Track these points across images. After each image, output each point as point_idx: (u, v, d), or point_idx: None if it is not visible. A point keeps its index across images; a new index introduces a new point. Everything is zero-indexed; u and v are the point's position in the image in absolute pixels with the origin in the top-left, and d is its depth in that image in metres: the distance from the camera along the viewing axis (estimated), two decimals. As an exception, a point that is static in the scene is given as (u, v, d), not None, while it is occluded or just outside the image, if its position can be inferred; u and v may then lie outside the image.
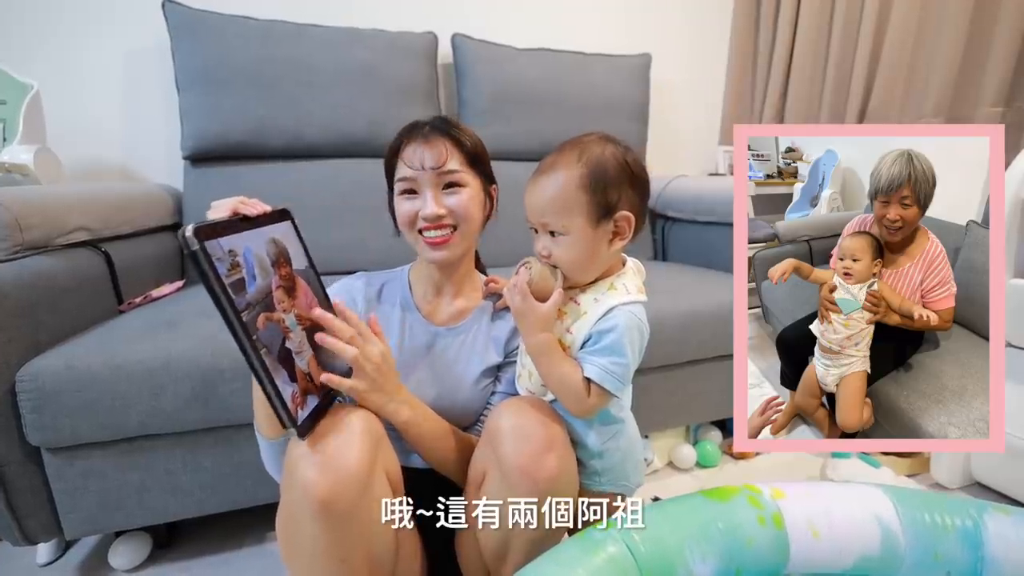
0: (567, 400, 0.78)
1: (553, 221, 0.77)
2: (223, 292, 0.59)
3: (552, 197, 0.76)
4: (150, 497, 1.07)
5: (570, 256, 0.77)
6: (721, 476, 1.53)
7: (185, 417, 1.02)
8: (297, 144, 1.70)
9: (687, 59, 2.38)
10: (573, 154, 0.76)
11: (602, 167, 0.75)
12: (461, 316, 0.97)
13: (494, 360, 0.95)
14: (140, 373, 0.99)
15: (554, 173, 0.76)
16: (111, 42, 1.70)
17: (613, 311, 0.76)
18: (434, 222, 0.87)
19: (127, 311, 1.26)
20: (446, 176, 0.87)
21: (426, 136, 0.87)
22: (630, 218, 0.76)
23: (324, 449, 0.69)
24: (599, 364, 0.75)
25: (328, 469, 0.67)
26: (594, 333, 0.76)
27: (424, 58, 1.86)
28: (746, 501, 0.77)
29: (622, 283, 0.80)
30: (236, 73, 1.62)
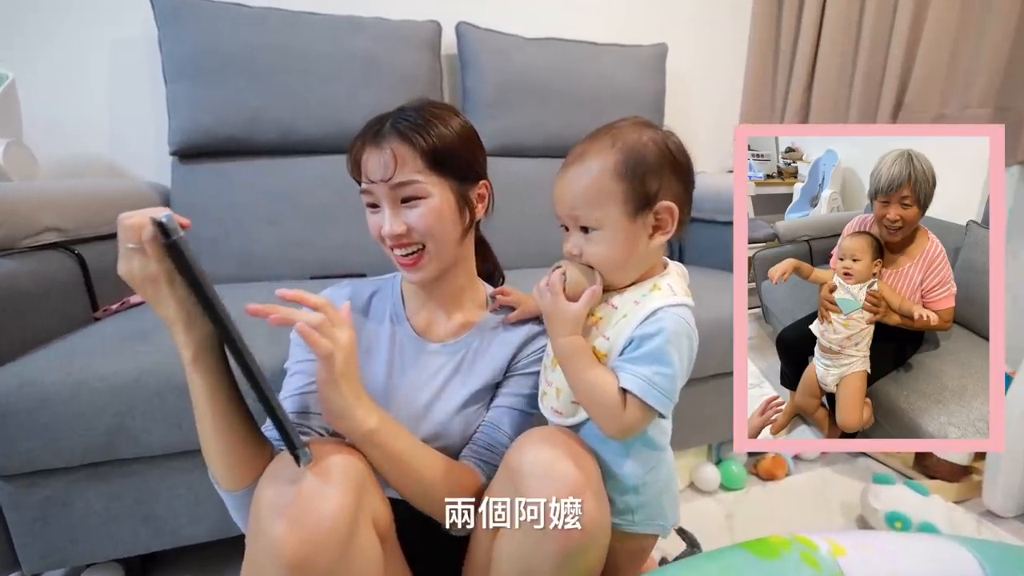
0: (599, 415, 0.68)
1: (585, 215, 0.69)
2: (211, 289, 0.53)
3: (584, 188, 0.69)
4: (119, 528, 0.97)
5: (605, 253, 0.70)
6: (748, 499, 1.41)
7: (157, 439, 0.92)
8: (292, 139, 1.59)
9: (705, 49, 2.25)
10: (606, 140, 0.69)
11: (639, 152, 0.67)
12: (459, 332, 0.87)
13: (493, 380, 0.85)
14: (104, 391, 0.89)
15: (585, 161, 0.69)
16: (95, 31, 1.60)
17: (658, 313, 0.67)
18: (397, 240, 0.77)
19: (103, 318, 1.17)
20: (400, 189, 0.75)
21: (376, 140, 0.76)
22: (672, 209, 0.68)
23: (295, 497, 0.58)
24: (639, 374, 0.66)
25: (300, 522, 0.57)
26: (635, 337, 0.67)
27: (427, 48, 1.75)
28: (800, 559, 0.65)
29: (667, 283, 0.72)
30: (227, 63, 1.52)
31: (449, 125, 0.78)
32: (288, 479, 0.60)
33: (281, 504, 0.58)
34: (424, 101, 0.81)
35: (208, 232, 1.48)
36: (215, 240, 1.49)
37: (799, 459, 1.58)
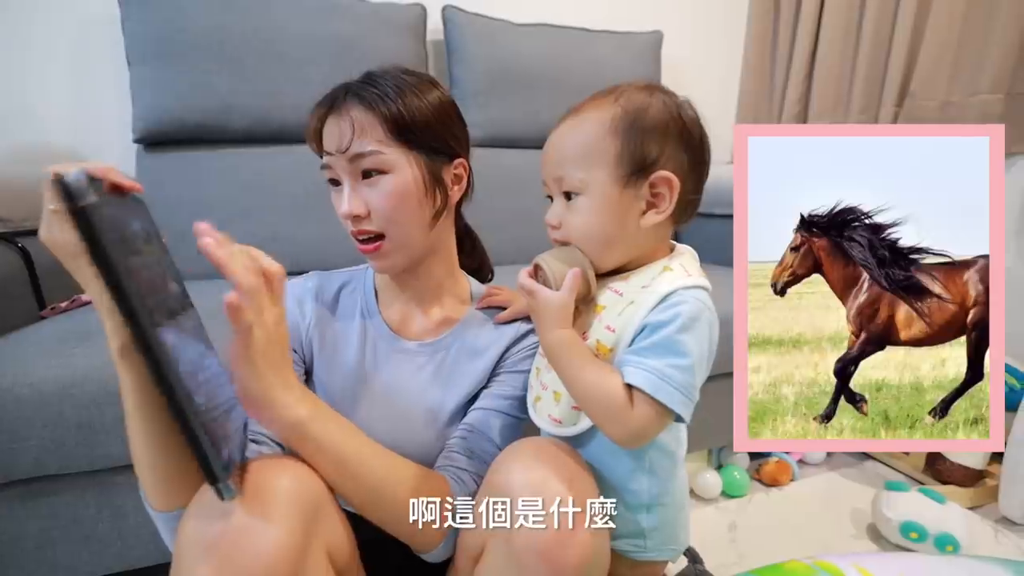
0: (602, 418, 0.57)
1: (569, 175, 0.60)
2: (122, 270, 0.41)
3: (572, 143, 0.60)
4: (55, 551, 0.86)
5: (586, 224, 0.61)
6: (751, 507, 1.33)
7: (93, 452, 0.82)
8: (265, 127, 1.49)
9: (701, 37, 2.17)
10: (609, 96, 0.60)
11: (643, 110, 0.58)
12: (438, 329, 0.78)
13: (475, 387, 0.75)
14: (32, 400, 0.78)
15: (580, 114, 0.61)
16: (54, 10, 1.49)
17: (672, 297, 0.57)
18: (356, 224, 0.68)
19: (49, 317, 1.07)
20: (360, 161, 0.66)
21: (335, 107, 0.67)
22: (672, 181, 0.58)
23: (225, 531, 0.48)
24: (649, 367, 0.55)
25: (230, 564, 0.47)
26: (647, 325, 0.57)
27: (411, 32, 1.66)
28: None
29: (679, 263, 0.62)
30: (195, 46, 1.42)
31: (422, 95, 0.69)
32: (219, 509, 0.49)
33: (207, 540, 0.48)
34: (396, 67, 0.72)
35: (175, 226, 1.36)
36: (183, 234, 1.35)
37: (804, 463, 1.50)
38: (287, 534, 0.50)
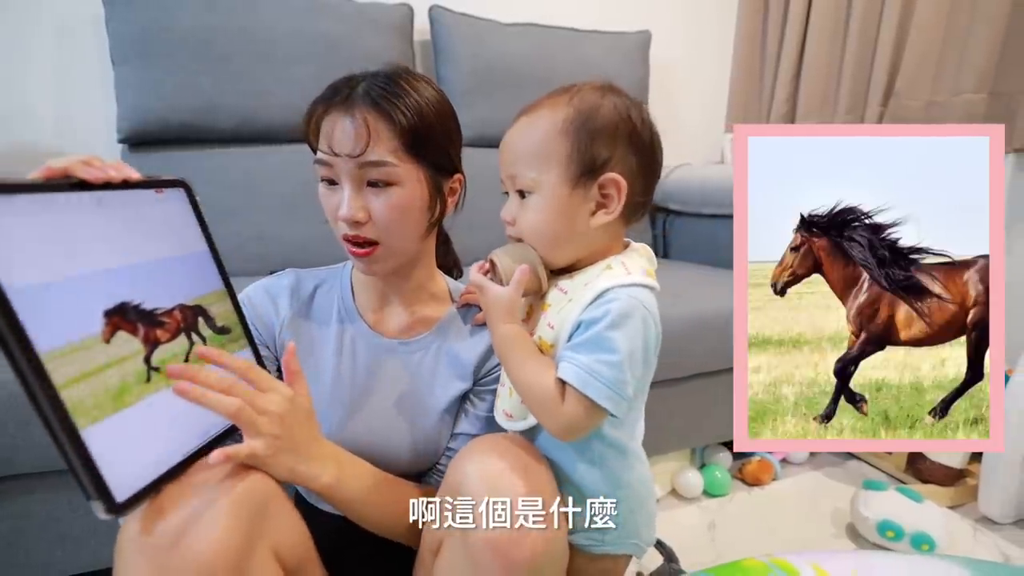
0: (537, 411, 0.60)
1: (522, 173, 0.61)
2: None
3: (525, 143, 0.61)
4: (29, 551, 0.85)
5: (536, 223, 0.61)
6: (732, 507, 1.34)
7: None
8: (251, 126, 1.47)
9: (690, 37, 2.18)
10: (564, 96, 0.61)
11: (594, 112, 0.59)
12: (417, 328, 0.76)
13: (459, 387, 0.74)
14: (2, 397, 0.77)
15: (534, 113, 0.62)
16: (36, 9, 1.45)
17: (606, 295, 0.58)
18: (353, 229, 0.66)
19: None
20: (369, 169, 0.64)
21: (349, 107, 0.64)
22: (619, 183, 0.59)
23: (168, 530, 0.48)
24: (578, 362, 0.56)
25: (167, 564, 0.47)
26: (582, 322, 0.58)
27: (397, 32, 1.64)
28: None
29: (620, 262, 0.63)
30: (180, 45, 1.39)
31: (430, 103, 0.67)
32: (159, 510, 0.49)
33: (148, 539, 0.48)
34: (401, 68, 0.69)
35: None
36: None
37: (787, 463, 1.51)
38: (226, 534, 0.49)
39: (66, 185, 0.47)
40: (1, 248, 0.40)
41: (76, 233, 0.47)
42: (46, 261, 0.44)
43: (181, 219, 0.58)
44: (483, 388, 0.75)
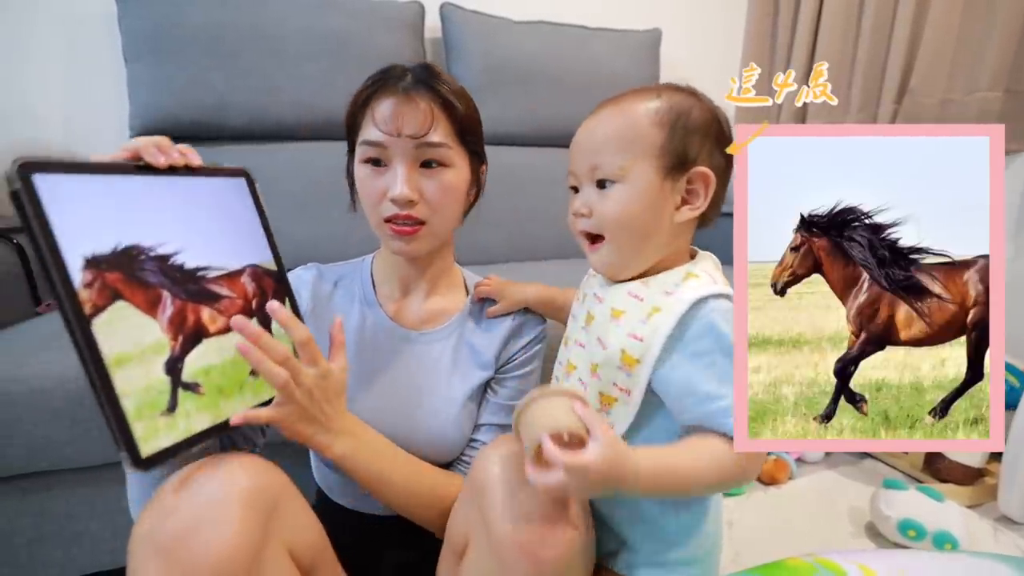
0: (724, 486, 0.56)
1: (607, 162, 0.59)
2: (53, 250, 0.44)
3: (615, 129, 0.59)
4: (46, 549, 0.86)
5: (620, 213, 0.59)
6: (749, 505, 1.32)
7: (86, 449, 0.82)
8: (262, 123, 1.49)
9: (700, 36, 2.17)
10: (651, 91, 0.60)
11: (688, 109, 0.59)
12: (437, 319, 0.78)
13: (481, 376, 0.76)
14: (23, 395, 0.78)
15: (622, 104, 0.60)
16: (52, 10, 1.48)
17: (703, 308, 0.56)
18: (403, 207, 0.67)
19: (45, 313, 1.07)
20: (427, 150, 0.67)
21: (407, 92, 0.67)
22: (709, 177, 0.59)
23: (176, 529, 0.48)
24: (729, 404, 0.54)
25: (179, 562, 0.47)
26: (684, 340, 0.56)
27: (409, 29, 1.65)
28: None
29: (703, 270, 0.61)
30: (192, 42, 1.41)
31: (467, 95, 0.73)
32: (170, 508, 0.49)
33: (157, 539, 0.48)
34: (438, 66, 0.73)
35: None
36: None
37: (802, 461, 1.50)
38: (238, 532, 0.49)
39: (131, 167, 0.52)
40: (66, 222, 0.45)
41: (135, 211, 0.51)
42: (103, 234, 0.48)
43: (240, 206, 0.61)
44: (505, 376, 0.78)
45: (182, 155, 0.55)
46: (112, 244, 0.49)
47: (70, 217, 0.46)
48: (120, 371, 0.47)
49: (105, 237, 0.48)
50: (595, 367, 0.61)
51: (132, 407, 0.47)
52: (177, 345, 0.52)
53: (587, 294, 0.68)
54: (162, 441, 0.48)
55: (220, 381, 0.55)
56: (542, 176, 1.73)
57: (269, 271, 0.62)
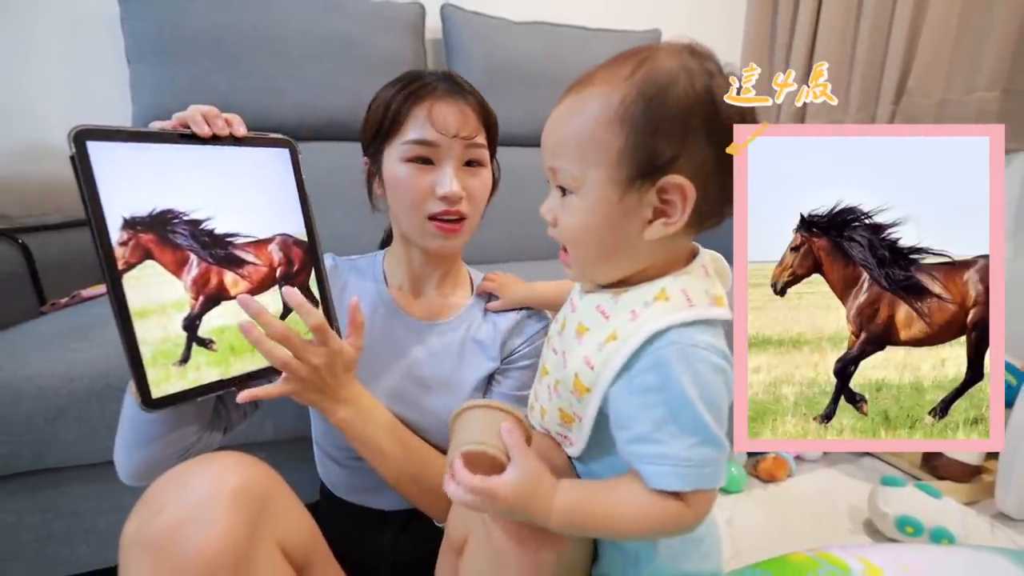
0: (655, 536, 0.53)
1: (563, 168, 0.50)
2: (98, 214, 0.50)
3: (569, 131, 0.49)
4: (55, 545, 0.86)
5: (575, 229, 0.51)
6: (748, 503, 1.32)
7: (93, 446, 0.82)
8: (265, 123, 1.44)
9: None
10: (628, 64, 0.47)
11: (661, 93, 0.45)
12: (445, 313, 0.80)
13: (487, 366, 0.78)
14: (30, 393, 0.78)
15: (586, 90, 0.49)
16: (52, 9, 1.48)
17: (657, 344, 0.46)
18: (452, 204, 0.70)
19: (49, 313, 1.06)
20: (472, 151, 0.71)
21: (452, 95, 0.70)
22: (685, 188, 0.46)
23: (164, 527, 0.48)
24: (673, 457, 0.46)
25: (168, 560, 0.47)
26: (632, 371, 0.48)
27: (410, 30, 1.65)
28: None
29: (679, 288, 0.50)
30: (195, 43, 1.41)
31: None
32: (159, 506, 0.50)
33: (147, 538, 0.48)
34: (450, 72, 0.77)
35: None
36: None
37: (801, 459, 1.50)
38: (226, 529, 0.49)
39: (177, 136, 0.56)
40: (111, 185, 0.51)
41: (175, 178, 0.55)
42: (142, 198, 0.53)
43: (280, 176, 0.64)
44: (508, 367, 0.79)
45: (227, 124, 0.59)
46: (150, 208, 0.53)
47: (115, 180, 0.51)
48: (142, 322, 0.52)
49: (144, 201, 0.53)
50: (556, 383, 0.56)
51: (148, 354, 0.52)
52: (197, 304, 0.56)
53: (571, 297, 0.61)
54: (171, 387, 0.54)
55: (233, 341, 0.58)
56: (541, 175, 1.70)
57: (299, 241, 0.64)
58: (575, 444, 0.56)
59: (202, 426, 0.65)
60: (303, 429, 0.88)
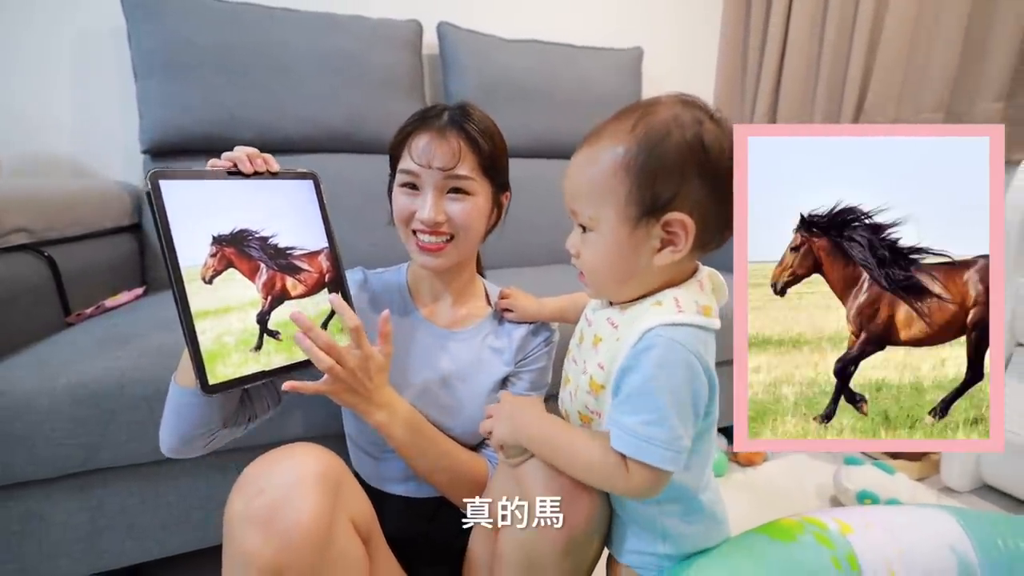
0: (605, 486, 0.57)
1: (581, 210, 0.55)
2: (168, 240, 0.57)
3: (583, 179, 0.54)
4: (102, 540, 0.84)
5: (594, 262, 0.56)
6: (730, 484, 1.33)
7: (142, 447, 0.80)
8: (271, 137, 1.42)
9: (679, 54, 2.13)
10: (630, 119, 0.53)
11: (658, 144, 0.50)
12: (464, 322, 0.82)
13: (503, 370, 0.81)
14: (87, 398, 0.76)
15: (597, 144, 0.54)
16: (59, 24, 1.41)
17: (646, 336, 0.51)
18: (431, 227, 0.73)
19: (76, 324, 1.00)
20: (453, 181, 0.73)
21: (441, 130, 0.72)
22: (686, 223, 0.51)
23: (268, 505, 0.53)
24: (626, 427, 0.51)
25: (273, 531, 0.52)
26: (623, 369, 0.52)
27: (408, 47, 1.60)
28: (815, 540, 0.61)
29: (672, 297, 0.54)
30: (201, 60, 1.35)
31: (498, 136, 0.78)
32: (255, 489, 0.55)
33: (252, 514, 0.53)
34: (474, 106, 0.78)
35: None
36: None
37: (776, 447, 1.49)
38: (317, 505, 0.55)
39: (224, 173, 0.63)
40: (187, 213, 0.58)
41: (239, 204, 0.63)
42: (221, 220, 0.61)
43: (309, 202, 0.70)
44: (521, 369, 0.82)
45: (265, 162, 0.66)
46: (231, 227, 0.61)
47: (188, 208, 0.58)
48: (225, 316, 0.60)
49: (224, 222, 0.61)
50: (576, 389, 0.61)
51: (223, 344, 0.60)
52: (267, 303, 0.64)
53: (585, 313, 0.67)
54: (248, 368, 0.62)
55: (294, 332, 0.64)
56: (534, 186, 1.67)
57: (334, 254, 0.71)
58: None
59: (227, 415, 0.68)
60: (332, 427, 0.90)
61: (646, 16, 2.07)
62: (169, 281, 0.57)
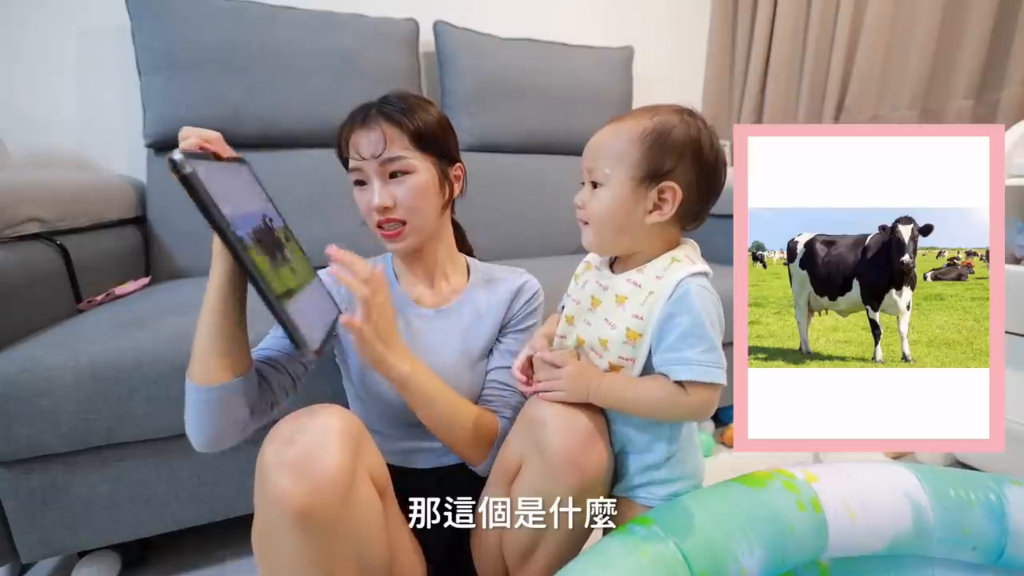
0: (669, 417, 0.72)
1: (598, 166, 0.71)
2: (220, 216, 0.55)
3: (607, 142, 0.71)
4: (119, 511, 0.95)
5: (600, 210, 0.71)
6: (716, 464, 1.52)
7: (159, 422, 0.92)
8: (273, 132, 1.58)
9: (669, 53, 2.33)
10: (650, 111, 0.71)
11: (668, 128, 0.68)
12: (449, 298, 0.92)
13: (491, 334, 0.91)
14: (108, 375, 0.87)
15: (622, 122, 0.72)
16: (64, 22, 1.54)
17: (682, 285, 0.68)
18: (384, 214, 0.82)
19: (87, 310, 1.13)
20: (389, 164, 0.81)
21: (364, 121, 0.82)
22: (676, 191, 0.68)
23: (298, 454, 0.61)
24: (689, 360, 0.67)
25: (304, 476, 0.60)
26: (670, 315, 0.68)
27: (405, 45, 1.76)
28: (782, 487, 0.74)
29: (684, 254, 0.72)
30: (204, 57, 1.49)
31: (429, 112, 0.85)
32: (286, 440, 0.62)
33: (285, 460, 0.60)
34: (404, 92, 0.87)
35: (188, 226, 1.45)
36: (195, 234, 1.44)
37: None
38: (341, 456, 0.62)
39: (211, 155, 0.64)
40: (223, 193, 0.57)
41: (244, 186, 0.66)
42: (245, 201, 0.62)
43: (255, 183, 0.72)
44: (509, 329, 0.92)
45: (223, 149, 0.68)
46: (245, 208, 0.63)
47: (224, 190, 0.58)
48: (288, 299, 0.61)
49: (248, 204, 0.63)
50: (604, 342, 0.73)
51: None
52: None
53: (588, 280, 0.80)
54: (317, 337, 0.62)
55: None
56: (528, 180, 1.85)
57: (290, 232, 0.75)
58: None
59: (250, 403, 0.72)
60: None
61: (637, 16, 2.27)
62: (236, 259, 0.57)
